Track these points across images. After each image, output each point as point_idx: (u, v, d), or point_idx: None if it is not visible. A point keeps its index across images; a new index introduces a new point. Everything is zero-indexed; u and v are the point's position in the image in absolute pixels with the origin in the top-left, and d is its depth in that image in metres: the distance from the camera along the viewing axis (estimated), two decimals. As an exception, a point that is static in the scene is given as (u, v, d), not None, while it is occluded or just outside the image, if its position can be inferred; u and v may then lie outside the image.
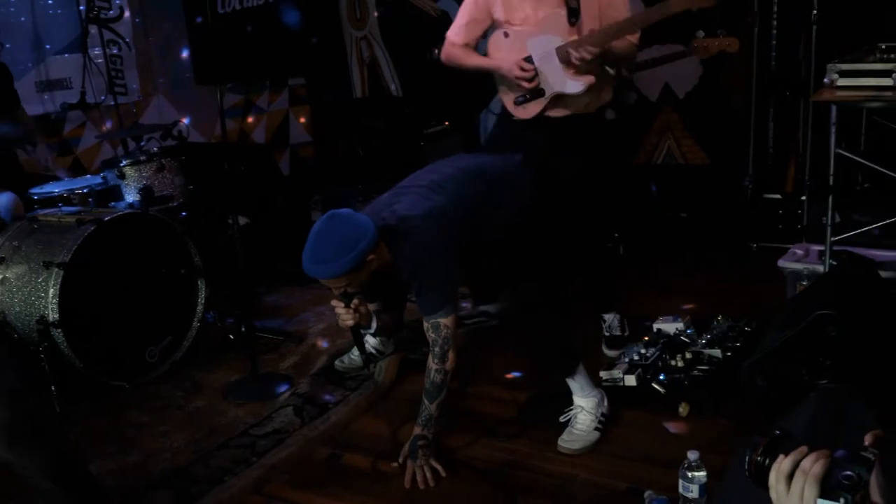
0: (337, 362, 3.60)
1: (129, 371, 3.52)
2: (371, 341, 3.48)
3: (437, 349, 2.72)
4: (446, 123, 5.14)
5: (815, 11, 4.34)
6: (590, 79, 2.98)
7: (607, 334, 3.50)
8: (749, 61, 4.67)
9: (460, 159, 3.12)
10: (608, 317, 3.50)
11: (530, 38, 3.06)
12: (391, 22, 6.07)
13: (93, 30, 4.76)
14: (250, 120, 5.88)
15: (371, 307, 2.90)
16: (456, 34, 3.26)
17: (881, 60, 3.57)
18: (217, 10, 5.45)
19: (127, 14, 5.09)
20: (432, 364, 2.74)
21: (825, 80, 3.60)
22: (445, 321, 2.71)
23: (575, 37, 3.01)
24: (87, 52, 4.67)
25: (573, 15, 3.02)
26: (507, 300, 3.70)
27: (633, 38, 3.09)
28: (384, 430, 3.11)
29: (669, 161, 5.31)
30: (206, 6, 3.39)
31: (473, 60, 3.22)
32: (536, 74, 3.05)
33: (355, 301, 2.73)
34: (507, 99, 3.21)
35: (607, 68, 3.16)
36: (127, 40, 5.10)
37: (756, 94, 4.71)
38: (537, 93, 3.07)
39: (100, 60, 4.82)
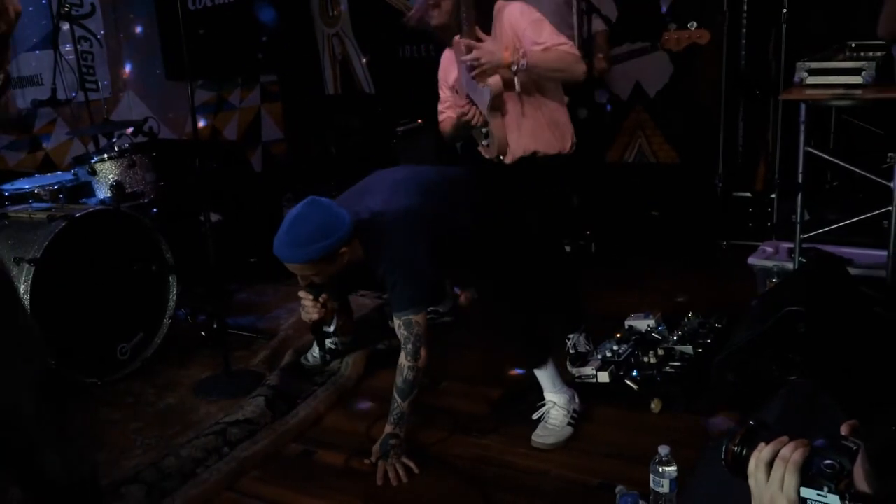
0: (302, 359, 3.60)
1: (100, 368, 3.49)
2: (329, 340, 3.48)
3: (409, 346, 2.72)
4: (419, 121, 5.13)
5: (784, 10, 4.39)
6: (495, 80, 2.89)
7: (572, 351, 3.35)
8: (719, 60, 4.72)
9: (416, 168, 3.14)
10: (572, 335, 3.38)
11: (461, 78, 3.06)
12: (363, 19, 6.05)
13: (64, 26, 4.71)
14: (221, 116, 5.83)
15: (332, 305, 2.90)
16: (440, 115, 3.27)
17: (851, 59, 3.61)
18: (188, 6, 5.41)
19: (98, 10, 5.04)
20: (405, 362, 2.74)
21: (795, 78, 3.64)
22: (417, 318, 2.71)
23: None
24: (58, 48, 4.61)
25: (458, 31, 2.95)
26: (453, 298, 3.75)
27: (561, 45, 2.93)
28: (357, 426, 3.10)
29: (641, 159, 5.36)
30: (176, 3, 3.36)
31: (448, 125, 3.22)
32: (474, 105, 3.01)
33: (324, 296, 2.73)
34: (482, 147, 3.16)
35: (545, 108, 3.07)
36: (98, 37, 5.05)
37: (726, 92, 4.75)
38: (485, 122, 3.02)
39: (71, 57, 4.77)
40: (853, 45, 3.86)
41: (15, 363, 1.89)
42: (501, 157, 3.07)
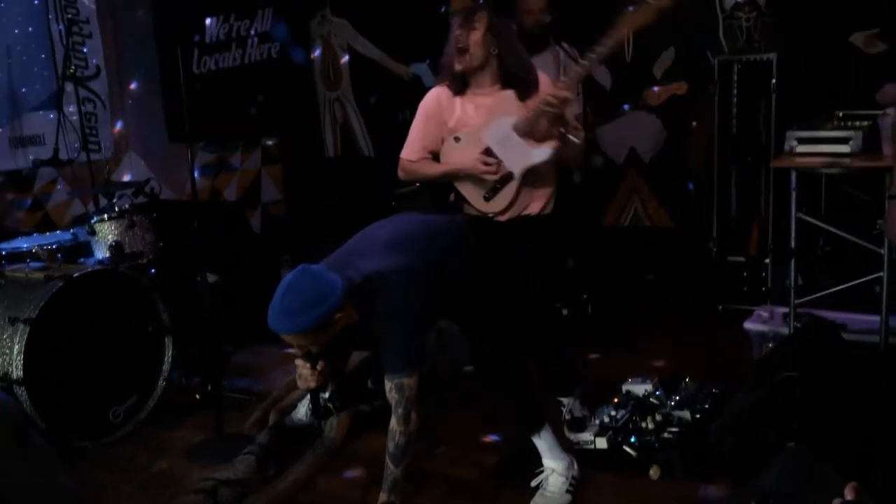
0: (287, 419, 3.58)
1: (92, 431, 3.46)
2: (305, 404, 3.47)
3: (400, 411, 2.67)
4: (417, 184, 5.19)
5: (773, 80, 4.51)
6: (553, 143, 2.96)
7: (568, 417, 3.33)
8: (711, 127, 4.82)
9: (406, 220, 3.07)
10: (567, 400, 3.36)
11: (484, 130, 3.05)
12: (364, 84, 6.18)
13: (69, 87, 4.79)
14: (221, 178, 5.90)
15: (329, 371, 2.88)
16: (411, 153, 3.23)
17: (838, 128, 3.71)
18: (192, 70, 5.52)
19: (104, 72, 5.13)
20: (396, 426, 2.69)
21: (785, 146, 3.73)
22: (409, 381, 2.66)
23: (527, 113, 3.00)
24: (62, 109, 4.68)
25: (523, 92, 3.03)
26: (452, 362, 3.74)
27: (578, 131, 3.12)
28: (351, 494, 3.07)
29: (636, 223, 5.42)
30: (181, 66, 3.43)
31: (434, 169, 3.19)
32: (500, 163, 3.02)
33: (321, 363, 2.71)
34: (475, 198, 3.15)
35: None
36: (102, 98, 5.13)
37: (718, 159, 4.84)
38: (506, 178, 3.04)
39: (74, 117, 4.84)
40: (840, 114, 3.96)
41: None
42: (497, 215, 3.09)
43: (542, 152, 2.96)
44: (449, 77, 3.12)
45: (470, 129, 3.10)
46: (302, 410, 3.53)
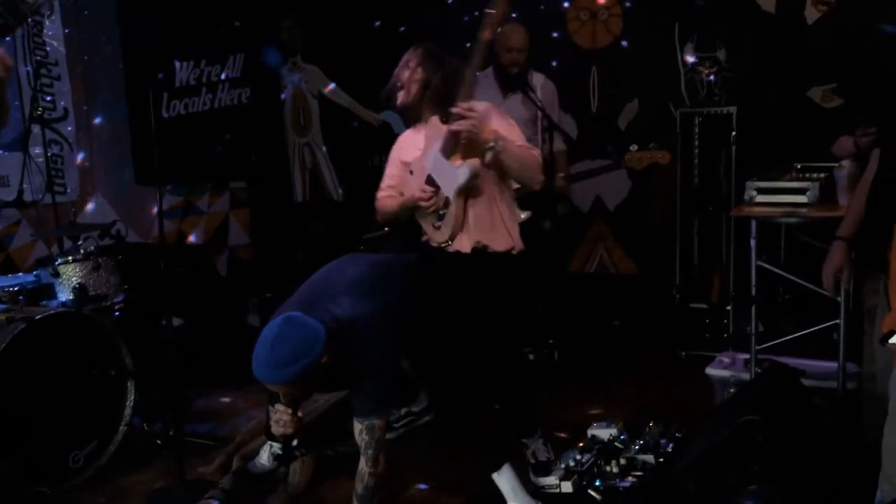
0: (249, 465, 3.54)
1: (52, 475, 3.38)
2: (276, 445, 3.44)
3: (369, 452, 2.69)
4: (386, 229, 5.23)
5: (733, 132, 4.64)
6: (475, 161, 2.92)
7: (533, 461, 3.25)
8: (674, 177, 4.93)
9: (366, 260, 3.10)
10: (531, 442, 3.29)
11: (424, 159, 3.08)
12: (334, 130, 6.24)
13: (35, 129, 4.78)
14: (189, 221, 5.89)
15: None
16: (379, 191, 3.29)
17: (796, 179, 3.83)
18: (161, 114, 5.54)
19: (71, 115, 5.13)
20: (365, 468, 2.71)
21: (745, 196, 3.83)
22: (379, 423, 2.70)
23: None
24: (27, 150, 4.66)
25: (444, 115, 2.99)
26: (428, 395, 3.72)
27: (525, 148, 3.07)
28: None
29: (601, 270, 5.50)
30: (150, 110, 3.45)
31: (394, 204, 3.23)
32: (438, 189, 3.02)
33: (301, 410, 2.72)
34: (429, 228, 3.17)
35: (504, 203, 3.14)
36: (70, 141, 5.11)
37: (681, 208, 4.96)
38: (446, 204, 3.04)
39: (40, 160, 4.82)
40: (799, 166, 4.08)
41: None
42: (450, 242, 3.08)
43: (464, 170, 2.92)
44: (399, 112, 3.21)
45: (416, 160, 3.13)
46: (265, 456, 3.50)
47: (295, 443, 2.94)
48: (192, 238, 5.86)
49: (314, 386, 2.67)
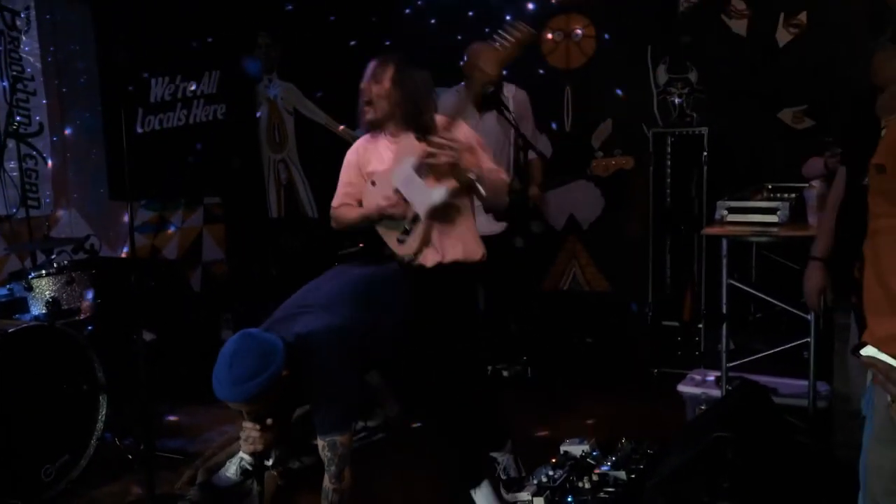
0: (215, 477, 3.51)
1: (23, 489, 3.35)
2: (246, 458, 3.41)
3: (333, 468, 2.68)
4: (360, 245, 5.24)
5: (705, 153, 4.71)
6: (451, 182, 2.96)
7: (504, 477, 3.30)
8: (646, 196, 4.99)
9: (339, 275, 3.08)
10: (501, 457, 3.35)
11: (392, 172, 3.08)
12: (309, 146, 6.25)
13: (10, 143, 4.75)
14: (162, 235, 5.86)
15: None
16: (335, 200, 3.29)
17: (767, 199, 3.89)
18: (136, 129, 5.52)
19: (46, 130, 5.10)
20: (329, 484, 2.70)
21: (716, 215, 3.89)
22: (342, 439, 2.68)
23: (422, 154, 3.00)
24: (2, 164, 4.63)
25: (420, 131, 3.00)
26: (388, 412, 3.72)
27: (500, 174, 3.12)
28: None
29: (575, 287, 5.54)
30: (124, 125, 3.45)
31: (353, 213, 3.22)
32: (406, 202, 3.04)
33: (269, 420, 2.70)
34: (391, 241, 3.18)
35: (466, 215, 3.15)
36: (44, 155, 5.09)
37: (653, 226, 5.01)
38: (414, 219, 3.06)
39: (14, 174, 4.79)
40: (770, 186, 4.16)
41: None
42: (415, 256, 3.09)
43: (439, 192, 2.95)
44: (364, 126, 3.18)
45: (382, 172, 3.13)
46: (232, 469, 3.47)
47: (270, 461, 2.92)
48: (165, 253, 5.84)
49: (277, 402, 2.65)
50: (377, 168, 3.14)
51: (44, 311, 3.81)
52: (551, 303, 5.48)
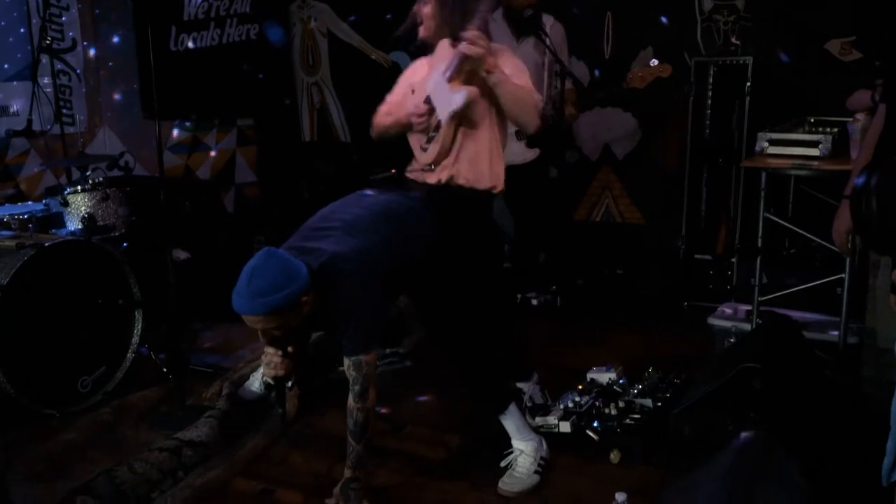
0: (241, 391, 3.60)
1: (61, 399, 3.45)
2: (258, 376, 3.50)
3: (357, 388, 2.70)
4: (393, 171, 5.22)
5: (748, 83, 4.59)
6: (472, 89, 2.90)
7: (529, 404, 3.35)
8: (684, 128, 4.89)
9: (363, 199, 3.04)
10: (526, 386, 3.38)
11: (427, 81, 3.07)
12: (343, 70, 6.19)
13: (44, 59, 4.75)
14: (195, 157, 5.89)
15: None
16: (380, 109, 3.25)
17: (809, 132, 3.80)
18: (169, 47, 5.49)
19: (79, 45, 5.09)
20: (353, 403, 2.72)
21: (756, 147, 3.81)
22: (367, 358, 2.69)
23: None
24: (36, 80, 4.64)
25: (455, 39, 2.94)
26: (416, 340, 3.75)
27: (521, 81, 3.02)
28: (316, 466, 3.10)
29: (607, 219, 5.49)
30: (157, 43, 3.43)
31: (388, 119, 3.20)
32: (433, 111, 3.00)
33: (291, 349, 2.73)
34: (417, 150, 3.15)
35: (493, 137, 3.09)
36: (77, 71, 5.09)
37: (690, 159, 4.93)
38: (437, 127, 3.01)
39: (49, 90, 4.81)
40: (812, 119, 4.05)
41: None
42: (433, 167, 3.07)
43: (460, 95, 2.89)
44: (412, 53, 3.18)
45: (420, 80, 3.11)
46: (256, 384, 3.54)
47: (290, 384, 2.96)
48: (199, 174, 5.87)
49: (294, 326, 2.65)
50: (420, 77, 3.14)
51: (80, 227, 3.86)
52: (583, 233, 5.45)
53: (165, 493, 2.83)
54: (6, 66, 4.79)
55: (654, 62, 3.99)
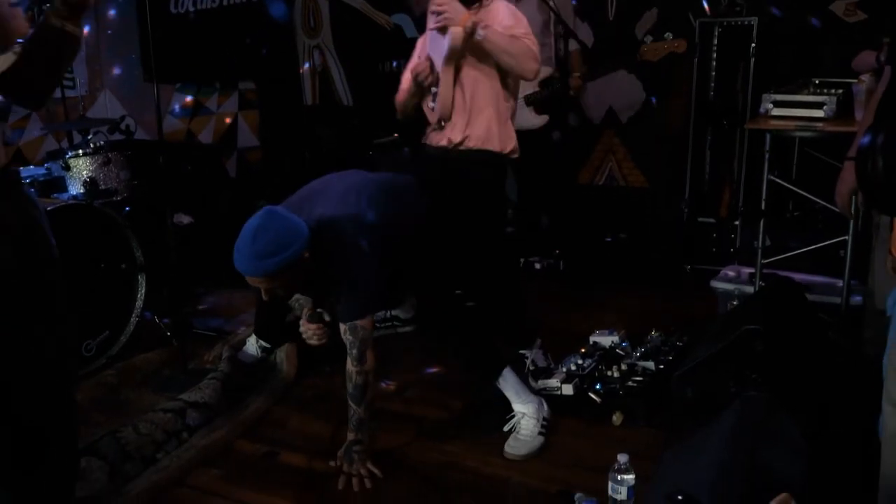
0: (239, 354, 3.62)
1: (64, 363, 3.47)
2: (253, 341, 3.56)
3: (354, 351, 2.72)
4: (395, 135, 5.19)
5: (753, 45, 4.54)
6: (457, 29, 2.94)
7: (532, 368, 3.36)
8: (688, 90, 4.85)
9: (357, 174, 3.09)
10: (528, 352, 3.40)
11: (429, 40, 3.15)
12: (345, 32, 6.13)
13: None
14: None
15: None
16: (407, 72, 3.27)
17: (814, 93, 3.76)
18: (170, 10, 5.44)
19: (79, 7, 5.05)
20: (352, 367, 2.74)
21: (760, 109, 3.78)
22: (363, 322, 2.71)
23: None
24: (35, 42, 4.60)
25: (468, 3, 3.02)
26: (415, 305, 3.77)
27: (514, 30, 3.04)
28: (320, 429, 3.12)
29: (611, 182, 5.47)
30: (158, 6, 3.40)
31: (401, 95, 3.26)
32: (432, 69, 3.09)
33: (327, 317, 2.76)
34: (428, 112, 3.22)
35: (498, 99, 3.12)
36: (77, 34, 5.05)
37: (694, 121, 4.89)
38: (437, 81, 3.09)
39: (48, 52, 4.77)
40: (816, 81, 4.01)
41: None
42: (443, 124, 3.10)
43: (444, 41, 2.97)
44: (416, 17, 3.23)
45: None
46: (252, 348, 3.57)
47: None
48: (200, 138, 5.85)
49: (296, 284, 2.68)
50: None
51: (81, 191, 3.85)
52: (586, 197, 5.43)
53: (170, 453, 2.85)
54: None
55: (669, 36, 3.97)
